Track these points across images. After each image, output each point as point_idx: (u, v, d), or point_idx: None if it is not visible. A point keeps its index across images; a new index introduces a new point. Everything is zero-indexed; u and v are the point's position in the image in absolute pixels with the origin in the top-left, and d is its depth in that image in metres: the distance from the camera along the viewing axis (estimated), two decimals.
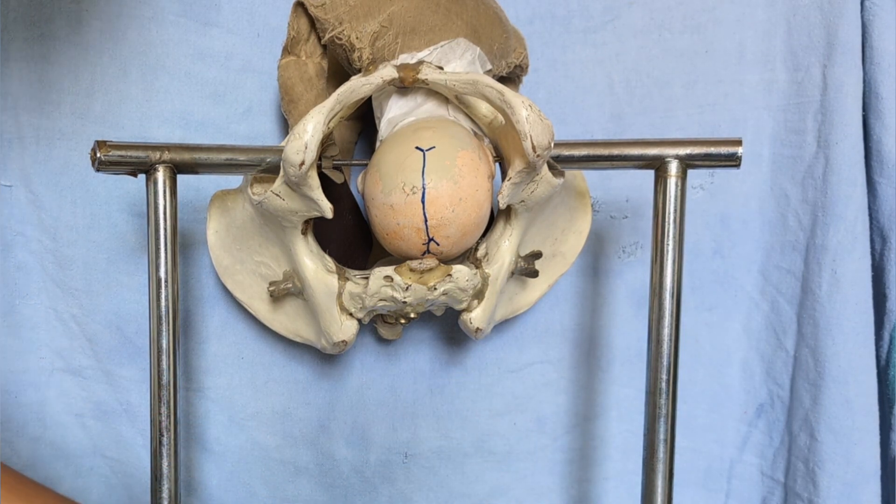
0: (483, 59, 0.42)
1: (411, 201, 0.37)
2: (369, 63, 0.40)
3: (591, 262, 0.53)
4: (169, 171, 0.38)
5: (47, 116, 0.47)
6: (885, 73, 0.48)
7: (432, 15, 0.41)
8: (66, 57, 0.47)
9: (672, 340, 0.40)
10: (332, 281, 0.41)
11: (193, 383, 0.51)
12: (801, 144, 0.51)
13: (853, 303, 0.50)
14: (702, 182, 0.52)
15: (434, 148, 0.37)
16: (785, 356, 0.53)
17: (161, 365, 0.38)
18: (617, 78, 0.52)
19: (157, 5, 0.47)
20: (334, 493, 0.53)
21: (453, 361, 0.53)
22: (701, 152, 0.40)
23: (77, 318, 0.49)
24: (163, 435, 0.38)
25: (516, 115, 0.36)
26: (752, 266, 0.53)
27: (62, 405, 0.50)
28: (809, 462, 0.52)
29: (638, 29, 0.51)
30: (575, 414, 0.54)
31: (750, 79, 0.51)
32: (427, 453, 0.53)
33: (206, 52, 0.48)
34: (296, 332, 0.46)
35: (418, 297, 0.40)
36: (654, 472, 0.41)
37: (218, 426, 0.51)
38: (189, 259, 0.49)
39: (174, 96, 0.48)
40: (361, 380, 0.52)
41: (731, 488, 0.56)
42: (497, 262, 0.42)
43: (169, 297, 0.38)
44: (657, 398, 0.41)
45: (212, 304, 0.50)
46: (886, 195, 0.50)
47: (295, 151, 0.35)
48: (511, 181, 0.39)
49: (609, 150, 0.41)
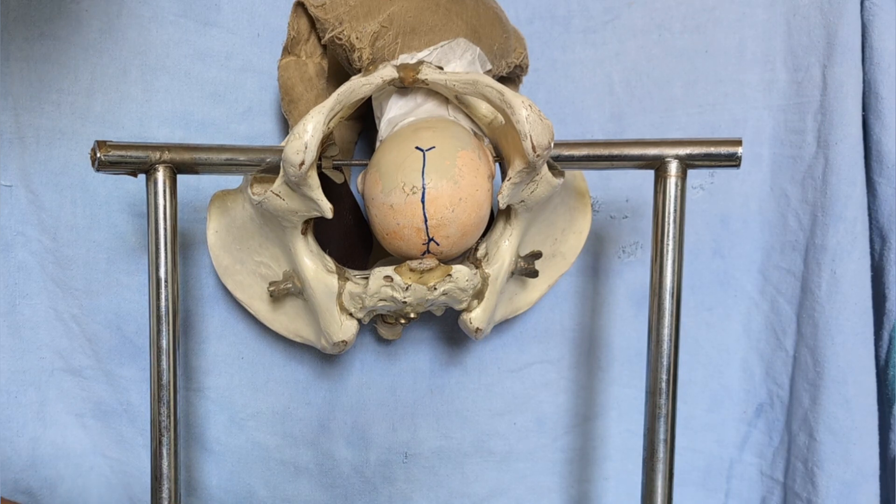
0: (483, 59, 0.42)
1: (411, 201, 0.37)
2: (369, 63, 0.40)
3: (591, 262, 0.53)
4: (169, 171, 0.38)
5: (47, 116, 0.47)
6: (885, 73, 0.48)
7: (432, 15, 0.41)
8: (66, 57, 0.47)
9: (672, 340, 0.41)
10: (332, 281, 0.41)
11: (193, 383, 0.51)
12: (801, 144, 0.51)
13: (852, 303, 0.50)
14: (702, 182, 0.52)
15: (434, 148, 0.37)
16: (784, 356, 0.53)
17: (161, 365, 0.38)
18: (617, 78, 0.52)
19: (157, 5, 0.47)
20: (334, 493, 0.53)
21: (453, 361, 0.53)
22: (701, 152, 0.40)
23: (77, 318, 0.49)
24: (163, 435, 0.38)
25: (516, 115, 0.36)
26: (751, 266, 0.53)
27: (62, 405, 0.50)
28: (808, 462, 0.52)
29: (638, 29, 0.51)
30: (575, 414, 0.54)
31: (750, 79, 0.51)
32: (427, 453, 0.53)
33: (206, 52, 0.48)
34: (296, 332, 0.46)
35: (418, 297, 0.40)
36: (654, 472, 0.41)
37: (218, 426, 0.51)
38: (189, 259, 0.49)
39: (174, 96, 0.48)
40: (361, 380, 0.52)
41: (731, 488, 0.56)
42: (497, 262, 0.42)
43: (169, 297, 0.38)
44: (657, 398, 0.41)
45: (212, 304, 0.50)
46: (886, 195, 0.50)
47: (295, 151, 0.35)
48: (511, 181, 0.39)
49: (609, 150, 0.41)
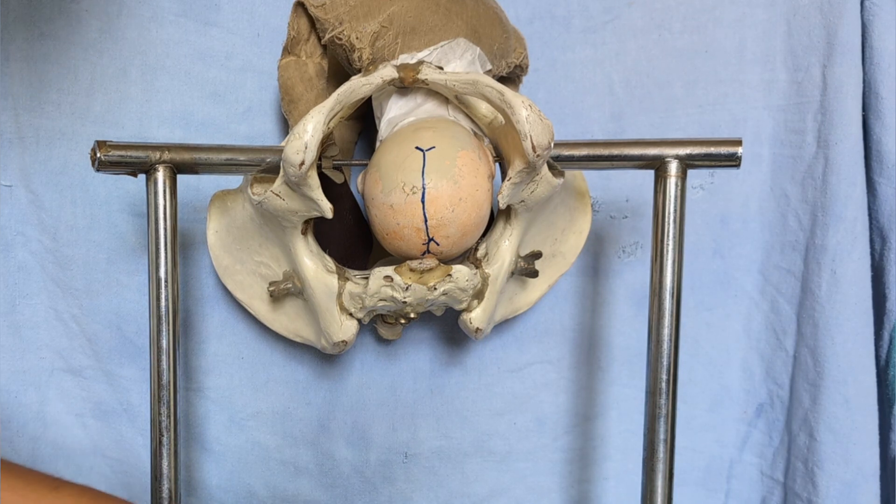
0: (483, 59, 0.42)
1: (411, 201, 0.37)
2: (369, 63, 0.40)
3: (591, 262, 0.53)
4: (169, 171, 0.38)
5: (47, 116, 0.47)
6: (885, 73, 0.48)
7: (432, 15, 0.41)
8: (66, 57, 0.47)
9: (672, 340, 0.41)
10: (332, 281, 0.41)
11: (193, 383, 0.51)
12: (801, 144, 0.51)
13: (853, 303, 0.50)
14: (702, 182, 0.52)
15: (434, 148, 0.37)
16: (784, 356, 0.53)
17: (161, 365, 0.38)
18: (617, 78, 0.52)
19: (156, 5, 0.47)
20: (334, 493, 0.53)
21: (453, 361, 0.53)
22: (701, 152, 0.40)
23: (77, 318, 0.49)
24: (163, 435, 0.38)
25: (516, 114, 0.36)
26: (752, 266, 0.53)
27: (62, 405, 0.50)
28: (809, 462, 0.52)
29: (638, 29, 0.51)
30: (575, 414, 0.54)
31: (750, 79, 0.51)
32: (427, 453, 0.53)
33: (206, 52, 0.48)
34: (296, 332, 0.46)
35: (418, 297, 0.40)
36: (654, 472, 0.41)
37: (218, 426, 0.51)
38: (189, 259, 0.49)
39: (174, 96, 0.48)
40: (361, 380, 0.52)
41: (731, 488, 0.56)
42: (497, 262, 0.42)
43: (169, 297, 0.38)
44: (657, 398, 0.41)
45: (212, 304, 0.50)
46: (886, 195, 0.50)
47: (295, 151, 0.35)
48: (511, 181, 0.39)
49: (609, 150, 0.41)
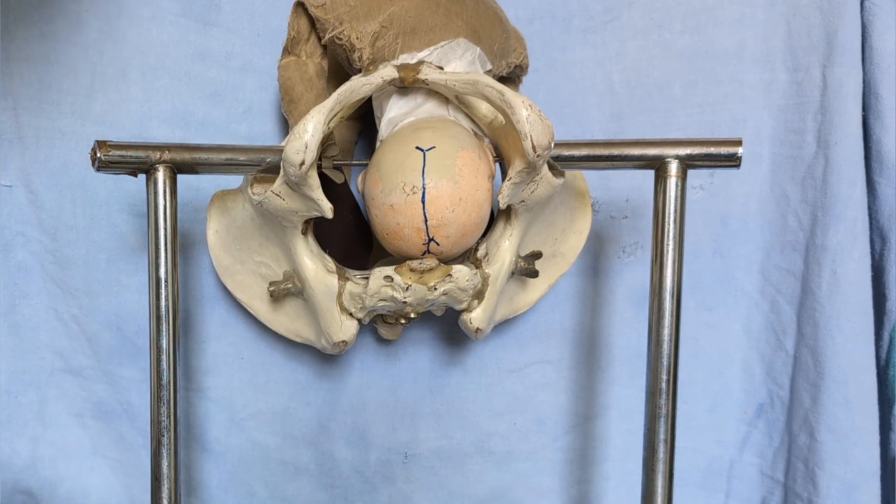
0: (483, 59, 0.42)
1: (411, 201, 0.37)
2: (369, 63, 0.40)
3: (591, 262, 0.53)
4: (169, 171, 0.38)
5: (47, 116, 0.47)
6: (885, 73, 0.48)
7: (432, 15, 0.41)
8: (66, 57, 0.47)
9: (672, 340, 0.40)
10: (332, 281, 0.41)
11: (193, 383, 0.51)
12: (801, 144, 0.51)
13: (853, 303, 0.50)
14: (702, 182, 0.52)
15: (434, 148, 0.37)
16: (785, 356, 0.53)
17: (161, 365, 0.38)
18: (617, 78, 0.52)
19: (157, 5, 0.47)
20: (334, 493, 0.52)
21: (453, 361, 0.52)
22: (701, 152, 0.40)
23: (77, 318, 0.49)
24: (163, 435, 0.38)
25: (516, 114, 0.36)
26: (752, 266, 0.53)
27: (62, 405, 0.50)
28: (809, 462, 0.52)
29: (638, 29, 0.51)
30: (575, 414, 0.54)
31: (750, 79, 0.51)
32: (427, 453, 0.53)
33: (206, 52, 0.48)
34: (296, 332, 0.46)
35: (418, 297, 0.40)
36: (654, 472, 0.41)
37: (218, 426, 0.51)
38: (189, 259, 0.49)
39: (174, 96, 0.48)
40: (361, 380, 0.52)
41: (731, 488, 0.56)
42: (497, 262, 0.42)
43: (169, 297, 0.38)
44: (657, 398, 0.41)
45: (212, 304, 0.50)
46: (886, 195, 0.50)
47: (295, 151, 0.35)
48: (511, 181, 0.39)
49: (609, 150, 0.41)
